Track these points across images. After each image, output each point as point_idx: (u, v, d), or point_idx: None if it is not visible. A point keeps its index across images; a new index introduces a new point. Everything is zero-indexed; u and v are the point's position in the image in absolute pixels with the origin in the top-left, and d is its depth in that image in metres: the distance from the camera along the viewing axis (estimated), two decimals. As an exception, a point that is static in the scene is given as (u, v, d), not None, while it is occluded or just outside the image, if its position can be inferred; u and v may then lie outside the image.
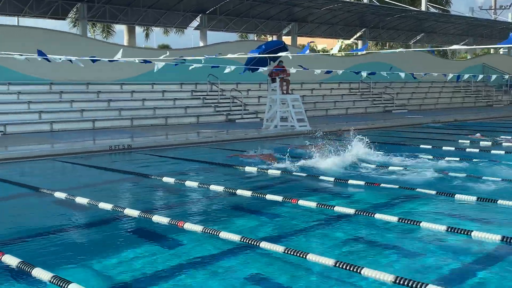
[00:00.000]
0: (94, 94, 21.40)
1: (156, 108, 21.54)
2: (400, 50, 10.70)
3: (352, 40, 39.19)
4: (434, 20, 36.27)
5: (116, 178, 10.76)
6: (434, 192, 8.19)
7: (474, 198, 7.70)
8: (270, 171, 10.50)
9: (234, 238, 5.84)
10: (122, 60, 11.43)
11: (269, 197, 8.01)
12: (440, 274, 5.07)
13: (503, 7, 51.33)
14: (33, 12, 26.03)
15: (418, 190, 8.35)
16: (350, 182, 9.22)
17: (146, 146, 14.65)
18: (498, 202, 7.51)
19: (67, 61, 11.52)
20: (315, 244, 5.99)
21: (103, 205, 7.56)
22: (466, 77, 17.62)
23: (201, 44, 30.37)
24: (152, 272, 5.17)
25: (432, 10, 39.14)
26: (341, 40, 50.81)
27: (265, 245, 5.56)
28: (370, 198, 8.25)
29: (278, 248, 5.45)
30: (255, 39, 38.88)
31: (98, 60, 11.89)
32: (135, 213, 7.09)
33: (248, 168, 10.96)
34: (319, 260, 5.07)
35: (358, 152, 11.99)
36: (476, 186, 8.89)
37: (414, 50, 12.90)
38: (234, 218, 7.25)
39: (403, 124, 21.96)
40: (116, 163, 12.72)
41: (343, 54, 36.71)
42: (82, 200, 7.95)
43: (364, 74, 17.07)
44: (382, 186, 8.75)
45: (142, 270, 5.22)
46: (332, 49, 58.81)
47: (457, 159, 11.53)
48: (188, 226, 6.35)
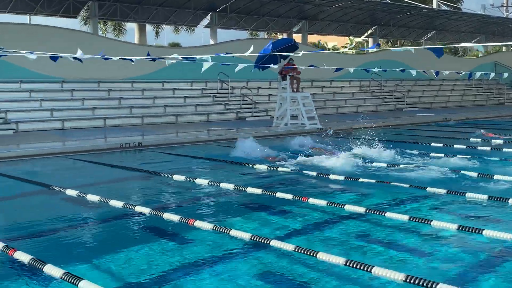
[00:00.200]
0: (105, 92, 21.51)
1: (166, 106, 21.59)
2: (411, 48, 10.61)
3: (362, 38, 39.08)
4: (446, 17, 36.05)
5: (127, 175, 10.81)
6: (444, 191, 8.15)
7: (486, 197, 7.66)
8: (280, 169, 10.50)
9: (245, 236, 5.85)
10: (133, 58, 11.48)
11: (279, 195, 8.01)
12: (451, 273, 5.04)
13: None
14: (44, 10, 26.18)
15: (429, 188, 8.31)
16: (361, 180, 9.20)
17: (157, 144, 14.71)
18: (510, 201, 7.45)
19: (79, 59, 11.57)
20: (325, 242, 5.99)
21: (114, 202, 7.60)
22: (477, 75, 17.49)
23: (211, 42, 30.41)
24: (162, 269, 5.19)
25: (443, 7, 38.92)
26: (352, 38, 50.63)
27: (275, 243, 5.56)
28: (381, 197, 8.22)
29: (289, 246, 5.45)
30: (266, 37, 38.86)
31: (110, 58, 11.93)
32: (146, 210, 7.12)
33: (258, 165, 10.97)
34: (330, 259, 5.07)
35: (368, 150, 11.95)
36: (487, 185, 8.84)
37: (426, 48, 12.80)
38: (245, 216, 7.26)
39: (414, 122, 21.86)
40: (126, 161, 12.79)
41: (354, 52, 36.59)
42: (93, 197, 8.00)
43: (375, 70, 17.01)
44: (393, 184, 8.72)
45: (152, 267, 5.25)
46: (343, 47, 58.65)
47: (468, 157, 11.47)
48: (198, 223, 6.36)
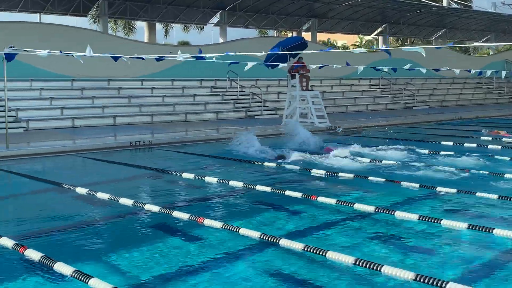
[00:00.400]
0: (115, 90, 21.57)
1: (176, 104, 21.63)
2: (420, 49, 10.53)
3: (372, 36, 38.95)
4: (456, 15, 35.85)
5: (136, 173, 10.84)
6: (455, 190, 8.11)
7: (496, 196, 7.61)
8: (288, 166, 10.50)
9: (254, 234, 5.85)
10: (142, 57, 11.52)
11: (288, 193, 8.01)
12: (461, 272, 5.03)
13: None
14: (54, 9, 26.31)
15: (439, 188, 8.27)
16: (370, 179, 9.17)
17: (166, 142, 14.75)
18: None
19: (88, 57, 11.64)
20: (334, 241, 5.98)
21: (124, 200, 7.62)
22: (488, 73, 17.37)
23: (220, 40, 30.43)
24: (171, 267, 5.21)
25: (453, 5, 38.68)
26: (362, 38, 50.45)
27: (284, 242, 5.56)
28: (390, 196, 8.20)
29: (298, 245, 5.45)
30: (275, 35, 38.81)
31: (119, 57, 11.99)
32: (156, 208, 7.14)
33: (267, 163, 10.98)
34: (339, 258, 5.06)
35: (376, 149, 11.91)
36: (497, 184, 8.79)
37: (436, 47, 12.74)
38: (254, 214, 7.26)
39: (424, 120, 21.76)
40: (136, 159, 12.83)
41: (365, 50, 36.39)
42: (103, 195, 8.03)
43: (385, 69, 16.95)
44: (403, 183, 8.68)
45: (161, 265, 5.26)
46: (352, 45, 58.47)
47: (478, 156, 11.41)
48: (208, 222, 6.37)
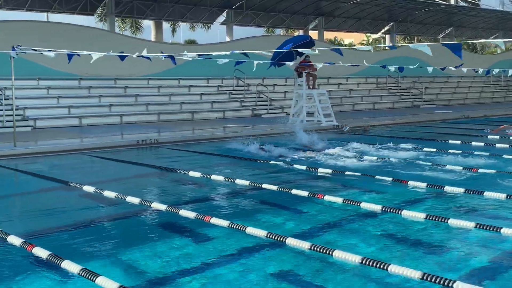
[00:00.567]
0: (122, 89, 21.63)
1: (182, 103, 21.66)
2: (429, 44, 10.50)
3: (379, 34, 38.84)
4: (464, 14, 35.71)
5: (143, 172, 10.86)
6: (462, 189, 8.08)
7: (504, 196, 7.57)
8: (295, 166, 10.49)
9: (260, 233, 5.85)
10: (149, 56, 11.53)
11: (294, 191, 8.00)
12: (468, 271, 5.01)
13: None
14: (62, 8, 26.40)
15: (446, 187, 8.24)
16: (377, 177, 9.15)
17: (173, 140, 14.77)
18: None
19: (96, 56, 11.67)
20: (342, 240, 5.97)
21: (131, 199, 7.64)
22: (496, 71, 17.29)
23: (227, 39, 30.45)
24: (178, 266, 5.21)
25: (461, 3, 38.53)
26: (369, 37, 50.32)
27: (291, 241, 5.55)
28: (397, 195, 8.18)
29: (304, 244, 5.44)
30: (282, 34, 38.78)
31: (126, 56, 12.01)
32: (162, 207, 7.15)
33: (273, 162, 10.97)
34: (346, 257, 5.05)
35: (383, 148, 11.88)
36: (504, 182, 8.75)
37: (444, 45, 12.67)
38: (261, 213, 7.25)
39: (432, 119, 21.69)
40: (143, 158, 12.85)
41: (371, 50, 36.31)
42: (110, 193, 8.05)
43: (392, 68, 16.90)
44: (410, 183, 8.66)
45: (169, 263, 5.27)
46: (359, 44, 58.35)
47: (486, 155, 11.36)
48: (214, 220, 6.37)
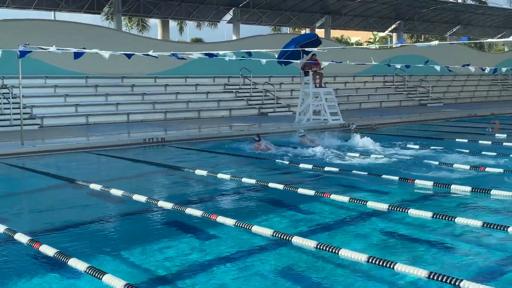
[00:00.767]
0: (129, 87, 21.67)
1: (189, 101, 21.68)
2: (436, 43, 10.46)
3: (386, 32, 38.75)
4: (471, 12, 35.54)
5: (150, 170, 10.89)
6: (469, 188, 8.05)
7: (510, 194, 7.54)
8: (301, 165, 10.48)
9: (266, 232, 5.85)
10: (155, 54, 11.54)
11: (300, 191, 7.99)
12: (475, 270, 4.99)
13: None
14: (69, 6, 26.48)
15: (453, 185, 8.21)
16: (384, 177, 9.12)
17: (180, 139, 14.78)
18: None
19: (102, 54, 11.70)
20: (348, 239, 5.96)
21: (137, 197, 7.66)
22: (503, 70, 17.20)
23: (234, 37, 30.44)
24: (184, 264, 5.22)
25: (468, 1, 38.39)
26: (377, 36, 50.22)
27: (297, 240, 5.55)
28: (404, 194, 8.16)
29: (310, 243, 5.43)
30: (288, 32, 38.75)
31: (133, 54, 12.03)
32: (169, 205, 7.16)
33: (278, 160, 10.98)
34: (352, 255, 5.04)
35: (389, 146, 11.86)
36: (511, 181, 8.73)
37: (450, 43, 12.65)
38: (267, 211, 7.25)
39: (439, 118, 21.61)
40: (150, 156, 12.88)
41: (377, 47, 36.29)
42: (116, 192, 8.07)
43: (398, 66, 16.87)
44: (416, 181, 8.63)
45: (175, 262, 5.28)
46: (366, 42, 58.24)
47: (493, 154, 11.32)
48: (221, 219, 6.38)
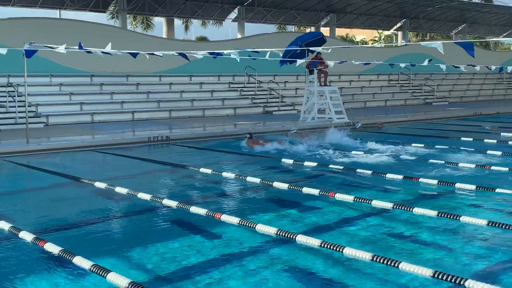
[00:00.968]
0: (134, 86, 21.71)
1: (194, 100, 21.70)
2: (441, 42, 10.43)
3: (391, 31, 38.65)
4: (477, 10, 35.41)
5: (154, 168, 10.90)
6: (474, 186, 8.03)
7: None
8: (306, 163, 10.48)
9: (271, 231, 5.85)
10: (160, 54, 11.55)
11: (305, 190, 7.99)
12: (480, 269, 4.98)
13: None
14: (74, 5, 26.52)
15: (458, 184, 8.19)
16: (388, 176, 9.11)
17: (184, 137, 14.80)
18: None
19: (107, 53, 11.73)
20: (352, 238, 5.95)
21: (142, 195, 7.67)
22: (509, 69, 17.13)
23: (239, 36, 30.44)
24: (188, 263, 5.23)
25: (474, 0, 38.23)
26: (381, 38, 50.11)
27: (301, 238, 5.55)
28: (409, 192, 8.14)
29: (315, 241, 5.43)
30: (293, 31, 38.71)
31: (138, 53, 12.05)
32: (173, 203, 7.17)
33: (284, 159, 10.97)
34: (356, 254, 5.04)
35: (393, 145, 11.83)
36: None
37: (455, 42, 12.60)
38: (271, 210, 7.25)
39: (444, 116, 21.56)
40: (154, 154, 12.89)
41: (383, 46, 36.19)
42: (121, 190, 8.09)
43: (402, 65, 16.82)
44: (421, 180, 8.62)
45: (178, 260, 5.29)
46: (371, 40, 58.12)
47: (499, 153, 11.28)
48: (225, 217, 6.38)
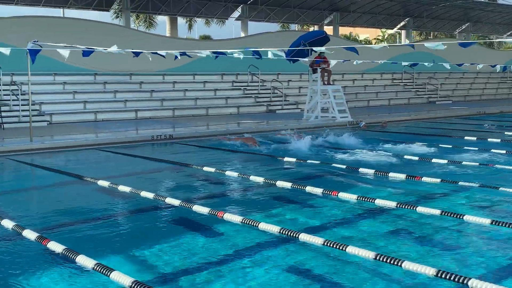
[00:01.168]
0: (137, 84, 21.72)
1: (197, 98, 21.71)
2: (444, 42, 10.43)
3: (395, 30, 38.58)
4: (480, 9, 35.33)
5: (157, 167, 10.91)
6: (477, 185, 8.01)
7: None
8: (309, 161, 10.47)
9: (273, 229, 5.84)
10: (163, 52, 11.56)
11: (308, 189, 7.98)
12: (483, 268, 4.97)
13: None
14: (77, 3, 26.55)
15: (461, 183, 8.17)
16: (391, 175, 9.10)
17: (187, 136, 14.81)
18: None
19: (111, 52, 11.75)
20: (355, 236, 5.95)
21: (145, 193, 7.68)
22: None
23: (242, 34, 30.42)
24: (191, 261, 5.23)
25: (478, -2, 38.14)
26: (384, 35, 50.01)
27: (304, 237, 5.54)
28: (412, 191, 8.13)
29: (318, 240, 5.43)
30: (297, 29, 38.68)
31: (141, 52, 12.07)
32: (176, 202, 7.18)
33: (287, 158, 10.97)
34: (359, 252, 5.03)
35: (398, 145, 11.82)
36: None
37: (459, 42, 12.58)
38: (274, 209, 7.25)
39: (447, 115, 21.51)
40: (158, 153, 12.90)
41: (387, 46, 36.12)
42: (124, 188, 8.09)
43: (405, 63, 16.78)
44: (424, 179, 8.60)
45: (181, 259, 5.29)
46: (375, 39, 58.02)
47: (503, 152, 11.26)
48: (227, 216, 6.38)
